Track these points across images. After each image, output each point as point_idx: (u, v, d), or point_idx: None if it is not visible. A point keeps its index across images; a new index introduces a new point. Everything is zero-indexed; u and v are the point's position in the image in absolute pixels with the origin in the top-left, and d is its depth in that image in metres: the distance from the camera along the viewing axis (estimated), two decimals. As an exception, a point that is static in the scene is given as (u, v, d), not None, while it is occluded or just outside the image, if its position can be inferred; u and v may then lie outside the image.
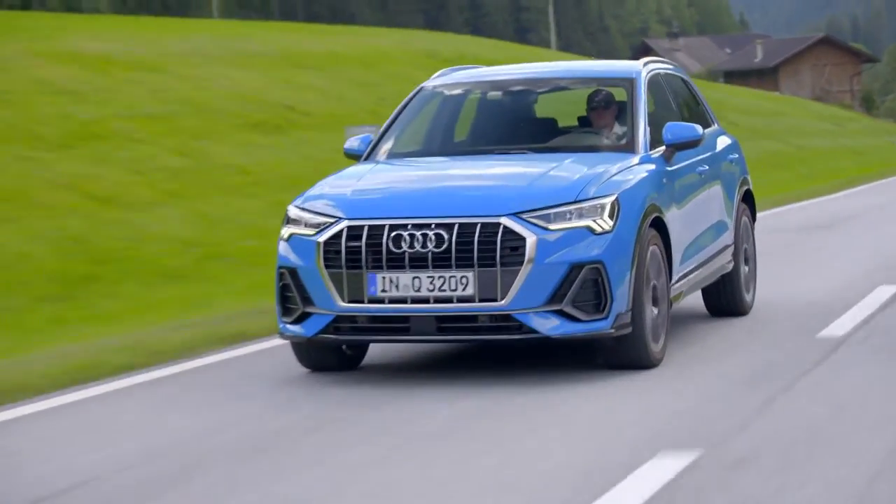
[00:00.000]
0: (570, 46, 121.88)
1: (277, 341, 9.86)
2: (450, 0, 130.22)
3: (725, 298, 10.81)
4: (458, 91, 10.11)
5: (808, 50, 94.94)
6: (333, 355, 8.91)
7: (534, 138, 9.60)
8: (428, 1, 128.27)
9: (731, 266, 10.64)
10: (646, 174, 8.90)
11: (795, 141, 46.84)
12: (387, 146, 9.74)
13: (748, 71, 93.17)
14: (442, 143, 9.86)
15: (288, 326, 8.62)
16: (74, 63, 25.14)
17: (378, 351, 9.58)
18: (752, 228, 11.38)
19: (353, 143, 9.93)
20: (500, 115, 9.97)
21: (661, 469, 6.15)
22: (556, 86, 10.03)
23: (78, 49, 26.63)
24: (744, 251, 11.05)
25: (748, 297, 11.03)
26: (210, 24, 47.95)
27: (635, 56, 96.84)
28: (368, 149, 9.76)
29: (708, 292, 10.83)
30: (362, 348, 9.13)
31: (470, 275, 8.10)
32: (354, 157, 9.85)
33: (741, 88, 68.05)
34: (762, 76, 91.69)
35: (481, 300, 8.11)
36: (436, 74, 10.41)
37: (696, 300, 11.18)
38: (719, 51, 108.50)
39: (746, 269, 11.11)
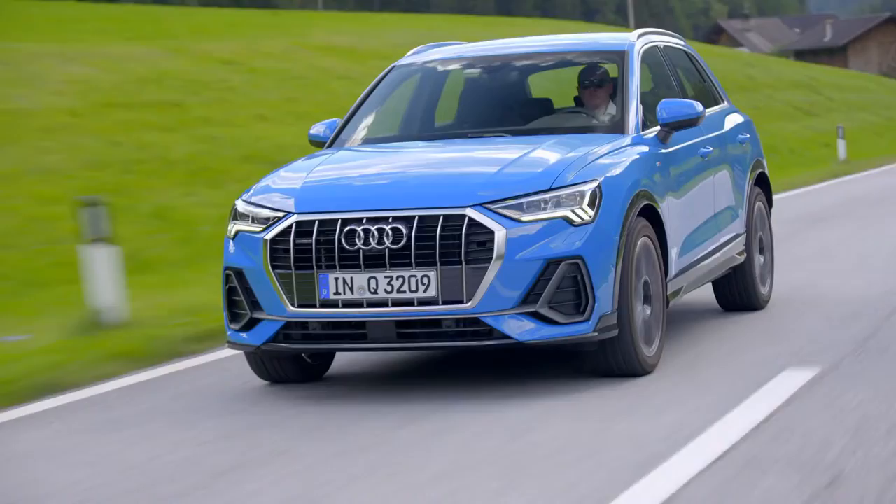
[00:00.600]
0: (639, 26, 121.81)
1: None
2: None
3: (738, 292, 9.83)
4: (436, 70, 9.19)
5: (875, 29, 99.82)
6: (292, 365, 8.01)
7: (515, 120, 8.67)
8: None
9: (742, 257, 9.65)
10: (636, 157, 7.94)
11: (884, 112, 53.42)
12: (353, 131, 8.83)
13: (818, 50, 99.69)
14: (417, 127, 8.95)
15: (236, 334, 7.72)
16: (335, 54, 31.96)
17: (345, 358, 8.67)
18: (769, 215, 10.39)
19: (318, 128, 9.03)
20: (480, 96, 9.02)
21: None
22: (542, 61, 9.08)
23: (331, 42, 33.59)
24: (758, 240, 10.07)
25: (764, 291, 10.05)
26: (413, 18, 59.17)
27: (707, 37, 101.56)
28: (332, 136, 8.85)
29: (719, 286, 9.85)
30: (326, 356, 8.22)
31: (431, 274, 7.17)
32: (319, 143, 8.95)
33: (830, 67, 74.90)
34: (832, 55, 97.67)
35: (445, 302, 7.18)
36: (411, 52, 9.49)
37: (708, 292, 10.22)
38: (789, 31, 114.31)
39: (762, 259, 10.12)
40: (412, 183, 7.50)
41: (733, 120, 10.05)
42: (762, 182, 10.26)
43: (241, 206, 7.76)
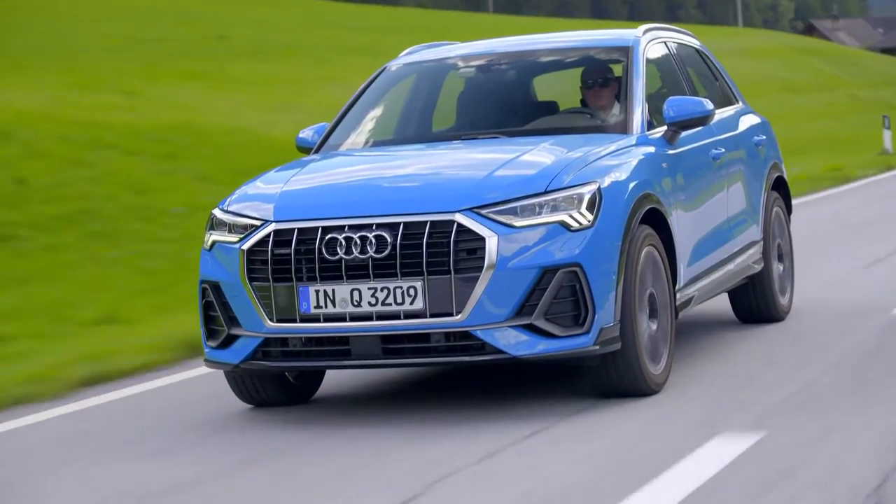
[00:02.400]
0: (715, 21, 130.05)
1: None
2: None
3: (756, 302, 9.25)
4: (433, 70, 8.69)
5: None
6: (275, 386, 7.49)
7: (516, 122, 8.15)
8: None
9: (759, 266, 9.09)
10: (641, 158, 7.41)
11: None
12: (343, 136, 8.33)
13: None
14: (413, 130, 8.44)
15: (213, 352, 7.21)
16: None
17: (335, 377, 8.16)
18: (787, 220, 9.82)
19: (305, 133, 8.53)
20: (480, 97, 8.50)
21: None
22: (542, 59, 8.56)
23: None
24: (776, 247, 9.50)
25: (783, 300, 9.48)
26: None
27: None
28: (320, 140, 8.35)
29: (735, 296, 9.29)
30: (313, 376, 7.70)
31: (418, 285, 6.65)
32: (306, 149, 8.45)
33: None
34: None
35: (433, 315, 6.66)
36: (404, 52, 8.98)
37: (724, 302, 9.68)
38: (873, 31, 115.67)
39: (781, 267, 9.56)
40: (397, 187, 7.00)
41: (748, 121, 9.50)
42: (780, 186, 9.70)
43: (218, 214, 7.27)
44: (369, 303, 6.71)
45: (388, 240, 6.69)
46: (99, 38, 35.78)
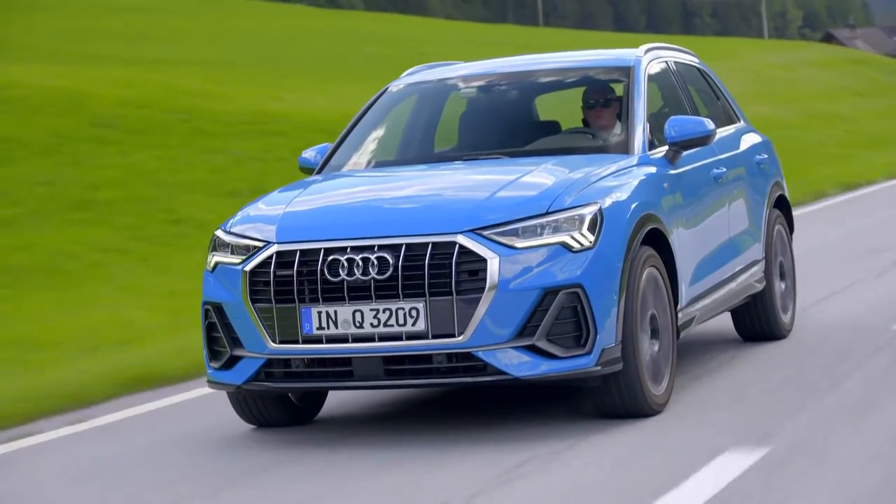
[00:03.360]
0: (729, 30, 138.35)
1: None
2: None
3: (758, 321, 9.26)
4: (434, 91, 8.70)
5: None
6: (278, 407, 7.50)
7: (518, 143, 8.16)
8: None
9: (762, 285, 9.10)
10: (642, 178, 7.42)
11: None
12: (345, 157, 8.34)
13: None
14: (415, 151, 8.45)
15: (216, 373, 7.23)
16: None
17: (338, 398, 8.17)
18: (790, 239, 9.83)
19: (308, 153, 8.55)
20: (482, 117, 8.51)
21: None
22: (543, 79, 8.57)
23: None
24: (779, 266, 9.51)
25: (786, 318, 9.48)
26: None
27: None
28: (322, 161, 8.37)
29: (737, 314, 9.29)
30: (316, 396, 7.71)
31: (420, 306, 6.67)
32: (308, 170, 8.46)
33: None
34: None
35: (435, 336, 6.67)
36: (406, 73, 9.00)
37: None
38: (888, 39, 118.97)
39: (783, 286, 9.56)
40: (399, 209, 7.01)
41: (750, 140, 9.52)
42: (782, 204, 9.71)
43: (220, 235, 7.29)
44: (371, 324, 6.72)
45: (390, 261, 6.70)
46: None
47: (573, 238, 6.77)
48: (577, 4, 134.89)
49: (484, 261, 6.64)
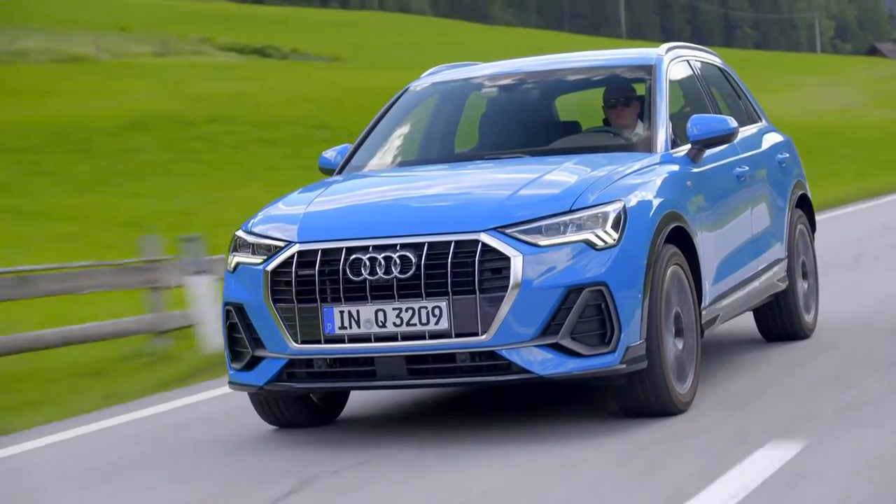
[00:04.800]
0: (769, 43, 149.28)
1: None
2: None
3: (780, 320, 9.21)
4: (455, 91, 8.67)
5: None
6: (300, 407, 7.47)
7: (539, 142, 8.12)
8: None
9: (784, 284, 9.04)
10: (665, 176, 7.37)
11: None
12: (365, 157, 8.31)
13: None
14: (435, 150, 8.41)
15: (238, 374, 7.19)
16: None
17: (360, 398, 8.13)
18: (811, 238, 9.78)
19: (328, 154, 8.52)
20: (502, 117, 8.47)
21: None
22: (565, 78, 8.53)
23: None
24: (801, 265, 9.46)
25: (808, 318, 9.43)
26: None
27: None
28: (342, 161, 8.34)
29: (759, 314, 9.24)
30: (338, 397, 7.68)
31: (443, 305, 6.63)
32: (329, 170, 8.43)
33: None
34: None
35: (458, 335, 6.63)
36: (426, 73, 8.97)
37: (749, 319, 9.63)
38: None
39: (805, 285, 9.51)
40: (421, 208, 6.97)
41: (772, 139, 9.47)
42: (804, 204, 9.66)
43: (241, 236, 7.26)
44: (394, 323, 6.69)
45: (413, 260, 6.67)
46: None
47: (597, 236, 6.73)
48: (629, 15, 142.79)
49: (507, 259, 6.60)
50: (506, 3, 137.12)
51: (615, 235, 6.76)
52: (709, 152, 8.01)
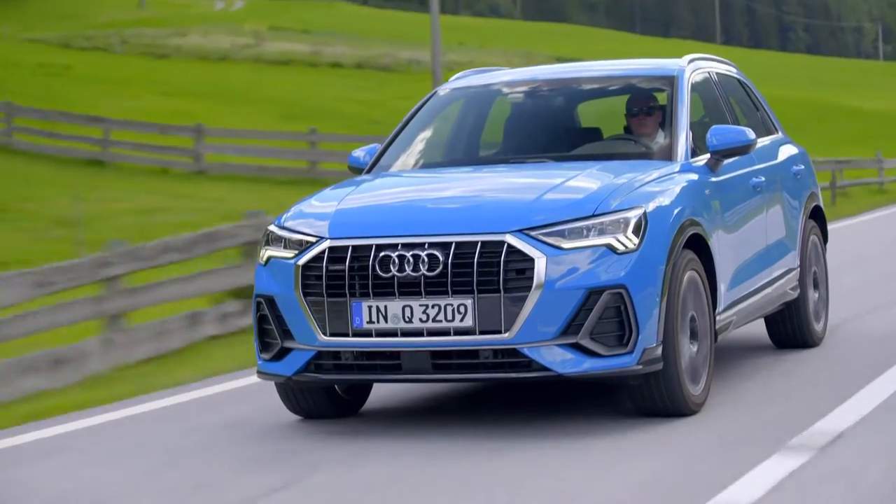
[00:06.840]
0: (820, 44, 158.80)
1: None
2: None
3: (791, 328, 9.45)
4: (480, 96, 8.91)
5: None
6: (325, 399, 7.71)
7: (561, 147, 8.36)
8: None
9: (796, 293, 9.28)
10: (684, 184, 7.62)
11: None
12: (393, 157, 8.56)
13: None
14: (461, 153, 8.64)
15: (266, 364, 7.44)
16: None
17: (383, 391, 8.37)
18: (824, 249, 10.02)
19: (358, 153, 8.76)
20: (526, 122, 8.71)
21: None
22: (588, 87, 8.77)
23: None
24: (812, 275, 9.70)
25: (818, 327, 9.67)
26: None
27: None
28: (371, 161, 8.59)
29: (771, 321, 9.48)
30: (361, 389, 7.92)
31: (469, 302, 6.88)
32: (358, 169, 8.68)
33: None
34: None
35: (482, 332, 6.88)
36: (453, 77, 9.21)
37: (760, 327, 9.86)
38: None
39: (816, 294, 9.75)
40: (449, 208, 7.22)
41: (787, 151, 9.71)
42: (817, 215, 9.90)
43: (274, 230, 7.50)
44: (420, 319, 6.93)
45: (440, 258, 6.91)
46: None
47: (618, 240, 6.97)
48: (692, 16, 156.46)
49: (531, 260, 6.85)
50: (579, 5, 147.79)
51: (636, 240, 7.00)
52: (727, 162, 8.25)
